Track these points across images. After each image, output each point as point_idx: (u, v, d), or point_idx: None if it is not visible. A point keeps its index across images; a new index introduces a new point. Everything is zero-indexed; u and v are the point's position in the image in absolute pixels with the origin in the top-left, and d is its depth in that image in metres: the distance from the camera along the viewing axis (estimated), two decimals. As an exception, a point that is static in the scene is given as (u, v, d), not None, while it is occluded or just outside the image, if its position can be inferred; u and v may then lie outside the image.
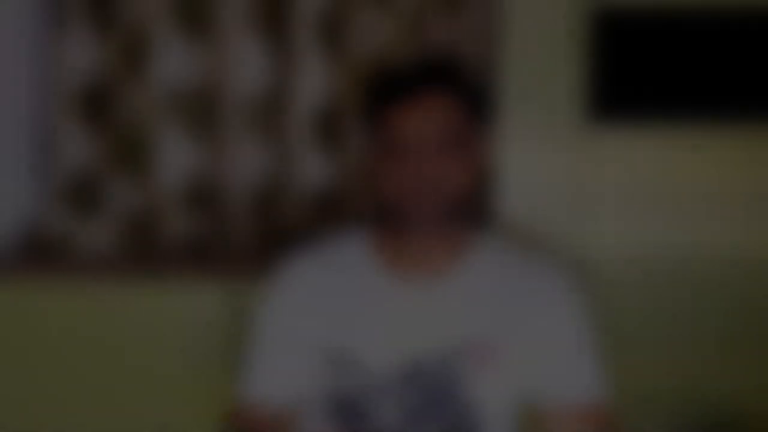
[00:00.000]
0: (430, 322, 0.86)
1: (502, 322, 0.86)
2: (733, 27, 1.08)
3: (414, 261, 0.88)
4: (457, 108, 0.86)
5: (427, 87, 0.86)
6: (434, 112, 0.84)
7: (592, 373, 0.84)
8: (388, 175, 0.85)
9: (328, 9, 1.35)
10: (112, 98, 1.39)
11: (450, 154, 0.83)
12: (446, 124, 0.84)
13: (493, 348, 0.84)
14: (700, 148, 1.11)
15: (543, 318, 0.85)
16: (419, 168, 0.81)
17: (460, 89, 0.88)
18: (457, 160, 0.84)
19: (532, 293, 0.87)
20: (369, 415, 0.85)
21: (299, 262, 0.94)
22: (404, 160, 0.83)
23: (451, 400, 0.84)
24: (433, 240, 0.86)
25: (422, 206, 0.82)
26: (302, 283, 0.91)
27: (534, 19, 1.14)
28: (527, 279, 0.89)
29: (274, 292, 0.92)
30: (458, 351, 0.84)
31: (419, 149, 0.82)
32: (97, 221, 1.32)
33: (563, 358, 0.84)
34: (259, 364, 0.90)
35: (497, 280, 0.89)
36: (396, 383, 0.85)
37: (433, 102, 0.85)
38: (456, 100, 0.87)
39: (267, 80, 1.39)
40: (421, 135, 0.83)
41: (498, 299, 0.87)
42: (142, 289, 1.10)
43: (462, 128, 0.85)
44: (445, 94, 0.86)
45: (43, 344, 1.10)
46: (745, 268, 1.12)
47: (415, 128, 0.83)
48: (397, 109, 0.86)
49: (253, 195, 1.43)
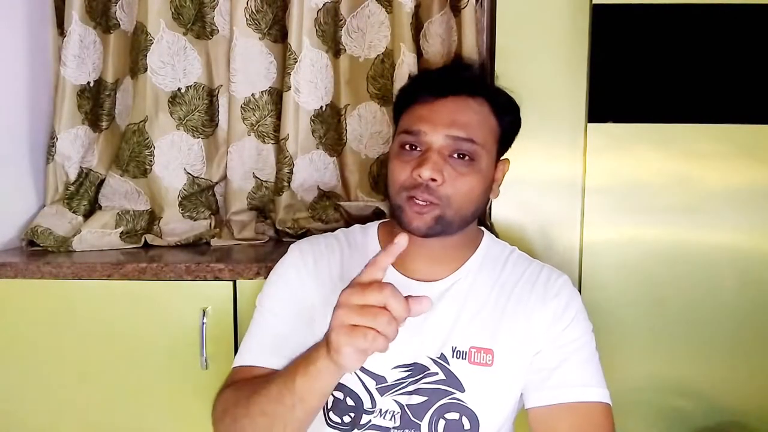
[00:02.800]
0: (432, 323, 0.85)
1: (502, 324, 0.85)
2: (734, 25, 1.08)
3: (417, 261, 0.88)
4: (480, 121, 0.84)
5: (455, 93, 0.84)
6: (452, 119, 0.82)
7: (593, 376, 0.83)
8: (394, 176, 0.84)
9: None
10: (112, 98, 1.40)
11: (461, 167, 0.82)
12: (462, 135, 0.82)
13: (493, 350, 0.84)
14: (700, 147, 1.11)
15: (543, 321, 0.85)
16: (422, 175, 0.80)
17: (491, 102, 0.86)
18: (463, 177, 0.82)
19: (532, 296, 0.87)
20: (368, 415, 0.85)
21: (311, 247, 0.93)
22: (409, 164, 0.82)
23: (450, 401, 0.83)
24: (435, 243, 0.85)
25: (419, 216, 0.81)
26: (314, 267, 0.90)
27: (534, 18, 1.14)
28: (527, 282, 0.88)
29: (283, 268, 0.91)
30: (458, 352, 0.84)
31: (428, 155, 0.81)
32: (97, 221, 1.32)
33: (564, 360, 0.83)
34: (254, 338, 0.88)
35: (498, 283, 0.88)
36: (395, 383, 0.84)
37: (455, 109, 0.83)
38: (480, 113, 0.85)
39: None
40: (432, 140, 0.82)
41: (499, 302, 0.87)
42: (142, 289, 1.10)
43: (479, 144, 0.83)
44: (469, 104, 0.84)
45: (43, 344, 1.10)
46: (745, 267, 1.12)
47: (427, 131, 0.82)
48: (417, 109, 0.85)
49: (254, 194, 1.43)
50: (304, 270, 0.90)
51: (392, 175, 0.84)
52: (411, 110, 0.86)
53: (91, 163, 1.39)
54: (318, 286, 0.89)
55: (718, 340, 1.13)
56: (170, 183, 1.38)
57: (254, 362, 0.86)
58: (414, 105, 0.86)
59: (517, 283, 0.88)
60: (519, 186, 1.15)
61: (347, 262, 0.91)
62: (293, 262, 0.91)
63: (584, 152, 1.14)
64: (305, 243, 0.94)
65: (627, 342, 1.14)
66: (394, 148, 0.87)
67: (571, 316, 0.85)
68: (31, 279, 1.10)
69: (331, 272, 0.90)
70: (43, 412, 1.12)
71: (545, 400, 0.81)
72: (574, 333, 0.84)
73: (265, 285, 0.92)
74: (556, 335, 0.84)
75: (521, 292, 0.87)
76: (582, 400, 0.80)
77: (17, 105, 1.32)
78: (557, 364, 0.83)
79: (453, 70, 0.98)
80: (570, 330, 0.84)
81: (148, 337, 1.10)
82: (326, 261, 0.91)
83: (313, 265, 0.90)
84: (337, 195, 1.42)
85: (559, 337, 0.84)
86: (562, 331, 0.84)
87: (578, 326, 0.85)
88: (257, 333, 0.88)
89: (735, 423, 1.15)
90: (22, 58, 1.32)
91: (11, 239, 1.31)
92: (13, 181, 1.32)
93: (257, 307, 0.91)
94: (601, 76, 1.11)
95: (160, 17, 1.32)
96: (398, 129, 0.89)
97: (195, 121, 1.39)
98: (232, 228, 1.38)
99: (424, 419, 0.83)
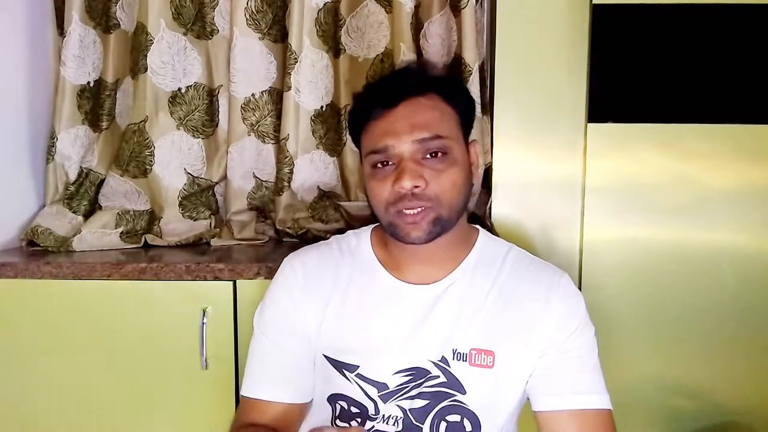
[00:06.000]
0: (430, 325, 0.85)
1: (503, 325, 0.85)
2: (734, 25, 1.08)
3: (413, 265, 0.88)
4: (439, 115, 0.83)
5: (404, 98, 0.83)
6: (412, 124, 0.81)
7: (598, 382, 0.83)
8: (376, 197, 0.83)
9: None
10: (112, 98, 1.40)
11: (437, 164, 0.81)
12: (427, 135, 0.80)
13: (494, 352, 0.83)
14: (700, 147, 1.11)
15: (548, 324, 0.84)
16: (404, 186, 0.79)
17: (441, 94, 0.85)
18: (443, 173, 0.81)
19: (532, 296, 0.86)
20: (371, 421, 0.84)
21: (303, 261, 0.92)
22: (387, 180, 0.81)
23: (451, 403, 0.83)
24: (429, 245, 0.84)
25: (416, 226, 0.80)
26: (304, 283, 0.90)
27: (534, 18, 1.14)
28: (530, 282, 0.87)
29: (276, 291, 0.91)
30: (459, 355, 0.84)
31: (403, 165, 0.80)
32: (97, 221, 1.32)
33: (570, 366, 0.83)
34: (259, 365, 0.89)
35: (497, 283, 0.88)
36: (397, 388, 0.84)
37: (410, 113, 0.82)
38: (435, 107, 0.83)
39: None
40: (401, 150, 0.81)
41: (498, 302, 0.86)
42: (142, 289, 1.10)
43: (446, 137, 0.82)
44: (421, 103, 0.83)
45: (43, 344, 1.10)
46: (745, 267, 1.12)
47: (394, 144, 0.81)
48: (375, 126, 0.83)
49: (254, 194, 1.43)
50: (296, 289, 0.89)
51: (375, 196, 0.84)
52: (368, 128, 0.85)
53: (91, 163, 1.39)
54: (311, 302, 0.88)
55: (718, 340, 1.14)
56: (170, 183, 1.38)
57: (262, 396, 0.86)
58: (369, 122, 0.85)
59: (518, 284, 0.87)
60: (519, 186, 1.15)
61: (342, 270, 0.90)
62: (285, 283, 0.90)
63: (584, 152, 1.14)
64: (296, 258, 0.93)
65: (627, 342, 1.15)
66: (366, 170, 0.86)
67: (577, 323, 0.84)
68: (31, 279, 1.10)
69: (323, 284, 0.89)
70: (43, 411, 1.12)
71: (552, 406, 0.81)
72: (580, 339, 0.84)
73: (261, 305, 0.92)
74: (562, 340, 0.83)
75: (523, 292, 0.86)
76: (588, 408, 0.81)
77: (17, 105, 1.32)
78: (563, 369, 0.82)
79: (396, 77, 0.96)
80: (576, 336, 0.84)
81: (148, 337, 1.10)
82: (318, 273, 0.90)
83: (305, 281, 0.89)
84: (337, 195, 1.42)
85: (564, 342, 0.83)
86: (568, 336, 0.83)
87: (584, 332, 0.85)
88: (261, 361, 0.89)
89: (735, 423, 1.15)
90: (22, 58, 1.32)
91: (11, 239, 1.31)
92: (13, 181, 1.32)
93: (256, 330, 0.91)
94: (601, 76, 1.11)
95: (160, 17, 1.32)
96: (363, 151, 0.87)
97: (195, 121, 1.39)
98: (232, 228, 1.38)
99: (426, 422, 0.83)
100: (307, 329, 0.87)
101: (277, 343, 0.88)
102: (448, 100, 0.85)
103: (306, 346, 0.88)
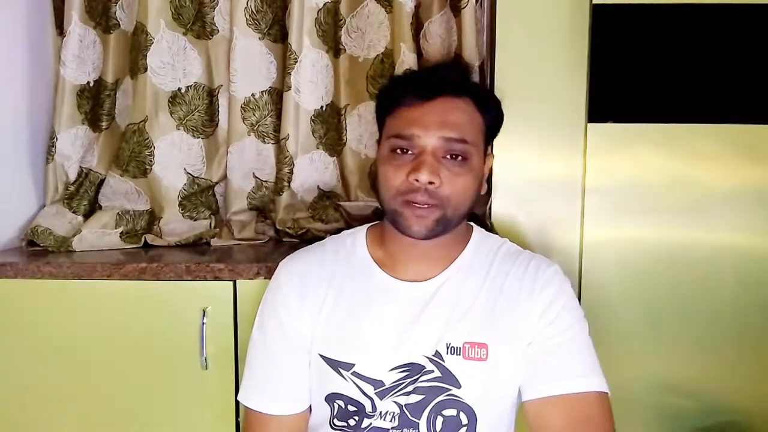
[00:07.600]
0: (424, 322, 0.86)
1: (494, 318, 0.85)
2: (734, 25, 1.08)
3: (408, 263, 0.89)
4: (469, 120, 0.85)
5: (441, 94, 0.84)
6: (443, 121, 0.82)
7: (585, 366, 0.83)
8: (387, 182, 0.84)
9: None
10: (111, 98, 1.40)
11: (455, 167, 0.82)
12: (454, 136, 0.82)
13: (487, 344, 0.84)
14: (700, 147, 1.11)
15: (532, 313, 0.85)
16: (420, 179, 0.80)
17: (475, 100, 0.87)
18: (459, 177, 0.82)
19: (521, 289, 0.87)
20: (369, 418, 0.85)
21: (297, 265, 0.93)
22: (402, 168, 0.82)
23: (447, 398, 0.83)
24: (427, 243, 0.85)
25: (420, 219, 0.81)
26: (300, 288, 0.90)
27: (534, 18, 1.14)
28: (516, 275, 0.88)
29: (272, 297, 0.92)
30: (453, 349, 0.84)
31: (423, 158, 0.81)
32: (97, 221, 1.32)
33: (553, 353, 0.83)
34: (260, 374, 0.90)
35: (488, 278, 0.89)
36: (393, 385, 0.84)
37: (444, 111, 0.83)
38: (467, 112, 0.85)
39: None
40: (426, 142, 0.82)
41: (490, 296, 0.87)
42: (142, 289, 1.10)
43: (470, 143, 0.83)
44: (456, 104, 0.84)
45: (43, 344, 1.10)
46: (745, 267, 1.12)
47: (420, 135, 0.82)
48: (405, 112, 0.85)
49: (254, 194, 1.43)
50: (291, 297, 0.89)
51: (386, 181, 0.84)
52: (398, 113, 0.86)
53: (91, 163, 1.39)
54: (307, 306, 0.89)
55: (717, 340, 1.14)
56: (170, 183, 1.38)
57: (264, 409, 0.88)
58: (400, 108, 0.86)
59: (507, 277, 0.88)
60: (519, 186, 1.15)
61: (336, 270, 0.91)
62: (280, 292, 0.91)
63: (584, 152, 1.14)
64: (291, 263, 0.94)
65: (627, 342, 1.15)
66: (383, 153, 0.86)
67: (559, 308, 0.85)
68: (31, 279, 1.10)
69: (318, 286, 0.90)
70: (43, 411, 1.12)
71: (536, 393, 0.82)
72: (562, 324, 0.84)
73: (258, 314, 0.93)
74: (544, 327, 0.84)
75: (510, 285, 0.87)
76: (572, 392, 0.80)
77: (17, 105, 1.32)
78: (546, 356, 0.83)
79: (438, 72, 0.98)
80: (558, 322, 0.84)
81: (148, 337, 1.10)
82: (313, 275, 0.91)
83: (300, 286, 0.90)
84: (337, 195, 1.42)
85: (546, 329, 0.84)
86: (550, 323, 0.84)
87: (567, 317, 0.85)
88: (262, 371, 0.90)
89: (734, 423, 1.15)
90: (22, 58, 1.32)
91: (11, 239, 1.31)
92: (13, 181, 1.32)
93: (254, 338, 0.91)
94: (601, 76, 1.11)
95: (160, 17, 1.32)
96: (385, 133, 0.88)
97: (195, 121, 1.39)
98: (232, 228, 1.38)
99: (422, 417, 0.83)
100: (303, 338, 0.88)
101: (275, 355, 0.89)
102: (480, 109, 0.87)
103: (302, 357, 0.88)
